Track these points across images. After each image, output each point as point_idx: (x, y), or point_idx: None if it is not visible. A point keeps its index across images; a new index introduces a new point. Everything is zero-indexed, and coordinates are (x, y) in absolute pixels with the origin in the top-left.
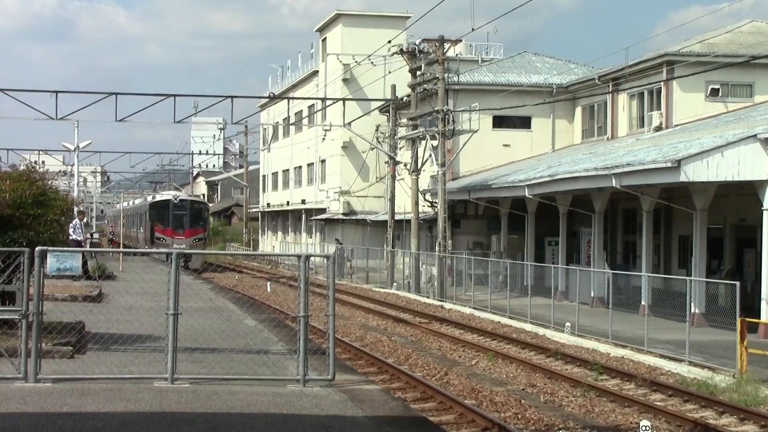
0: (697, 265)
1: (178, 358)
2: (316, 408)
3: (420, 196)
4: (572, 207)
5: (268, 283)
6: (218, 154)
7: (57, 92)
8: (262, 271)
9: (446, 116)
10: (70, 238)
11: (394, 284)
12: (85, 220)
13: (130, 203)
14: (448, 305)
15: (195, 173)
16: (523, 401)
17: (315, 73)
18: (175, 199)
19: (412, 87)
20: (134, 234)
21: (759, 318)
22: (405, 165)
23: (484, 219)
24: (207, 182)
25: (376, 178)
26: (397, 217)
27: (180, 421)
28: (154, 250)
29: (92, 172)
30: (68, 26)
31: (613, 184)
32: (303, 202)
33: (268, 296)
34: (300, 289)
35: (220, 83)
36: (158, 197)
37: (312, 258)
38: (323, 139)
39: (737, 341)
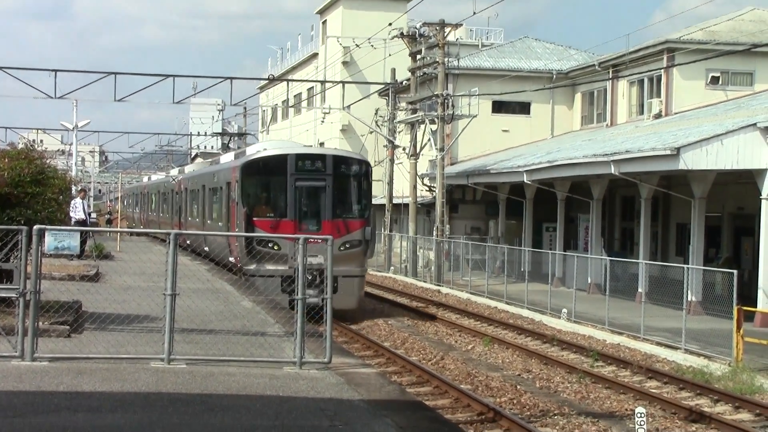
0: (695, 253)
1: (175, 339)
2: (312, 390)
3: (418, 180)
4: (570, 193)
5: None
6: (217, 134)
7: (56, 71)
8: None
9: (446, 101)
10: (73, 220)
11: (391, 268)
12: (86, 198)
13: (174, 173)
14: (445, 290)
15: (193, 154)
16: (518, 387)
17: (315, 55)
18: (301, 153)
19: (412, 71)
20: (192, 220)
21: (756, 307)
22: (404, 149)
23: (482, 204)
24: None
25: (375, 161)
26: (395, 201)
27: (176, 402)
28: (151, 230)
29: (90, 151)
30: (65, 4)
31: (612, 171)
32: None
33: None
34: (298, 272)
35: (219, 64)
36: (257, 150)
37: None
38: (322, 121)
39: (733, 330)
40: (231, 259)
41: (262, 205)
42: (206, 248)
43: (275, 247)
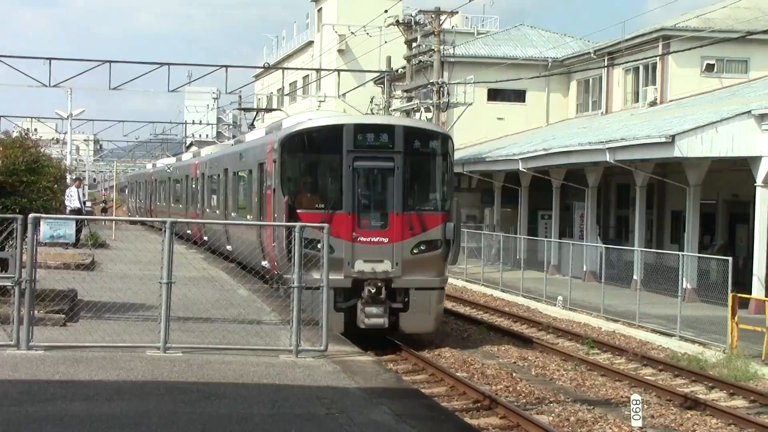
0: (690, 240)
1: (171, 327)
2: (308, 378)
3: None
4: (566, 181)
5: None
6: (212, 124)
7: (51, 59)
8: None
9: (441, 89)
10: (69, 209)
11: None
12: (81, 187)
13: (187, 156)
14: None
15: (188, 143)
16: (514, 374)
17: (310, 43)
18: (361, 122)
19: (408, 59)
20: (211, 212)
21: (750, 294)
22: None
23: (477, 192)
24: None
25: None
26: None
27: (173, 390)
28: (146, 218)
29: (85, 140)
30: None
31: (607, 159)
32: None
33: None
34: (294, 260)
35: (214, 53)
36: (298, 122)
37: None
38: (318, 109)
39: (728, 317)
40: (265, 263)
41: (308, 193)
42: (229, 247)
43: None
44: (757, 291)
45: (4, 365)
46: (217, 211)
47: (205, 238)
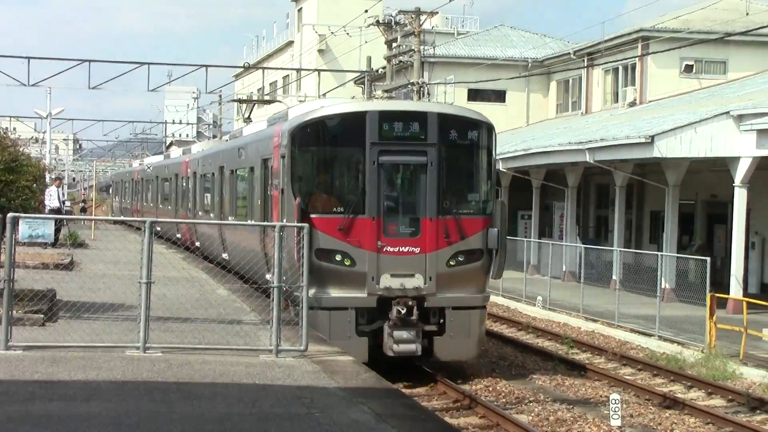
0: (669, 240)
1: (151, 327)
2: (288, 378)
3: None
4: (546, 181)
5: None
6: (192, 124)
7: (29, 58)
8: None
9: (421, 89)
10: (48, 208)
11: None
12: (61, 186)
13: (176, 154)
14: None
15: (168, 142)
16: (494, 374)
17: (290, 43)
18: (388, 109)
19: (388, 59)
20: (205, 215)
21: (728, 294)
22: None
23: None
24: None
25: None
26: None
27: (152, 390)
28: (127, 218)
29: (64, 139)
30: None
31: (587, 159)
32: None
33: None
34: (275, 259)
35: (195, 52)
36: (308, 111)
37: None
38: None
39: (707, 316)
40: (269, 276)
41: (324, 195)
42: (225, 255)
43: (346, 262)
44: (735, 291)
45: None
46: (212, 215)
47: (197, 243)
